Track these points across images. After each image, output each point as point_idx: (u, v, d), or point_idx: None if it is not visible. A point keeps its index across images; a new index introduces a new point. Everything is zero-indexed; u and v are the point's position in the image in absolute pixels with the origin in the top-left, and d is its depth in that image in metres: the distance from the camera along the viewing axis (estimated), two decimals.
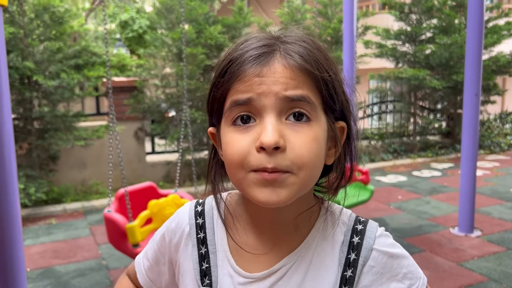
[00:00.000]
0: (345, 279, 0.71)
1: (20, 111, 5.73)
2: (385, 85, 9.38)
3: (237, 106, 0.66)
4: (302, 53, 0.67)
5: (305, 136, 0.65)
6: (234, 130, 0.67)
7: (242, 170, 0.66)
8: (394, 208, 5.40)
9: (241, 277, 0.74)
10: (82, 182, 6.28)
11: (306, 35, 0.71)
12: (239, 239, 0.76)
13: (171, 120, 6.99)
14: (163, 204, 3.02)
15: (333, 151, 0.73)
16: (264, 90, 0.64)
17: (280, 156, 0.63)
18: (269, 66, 0.65)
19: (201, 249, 0.77)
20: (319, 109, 0.68)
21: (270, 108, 0.65)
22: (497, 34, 8.45)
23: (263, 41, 0.68)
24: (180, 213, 0.83)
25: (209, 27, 6.47)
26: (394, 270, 0.73)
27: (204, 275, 0.75)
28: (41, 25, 5.70)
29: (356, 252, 0.73)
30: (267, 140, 0.62)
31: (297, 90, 0.65)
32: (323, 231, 0.75)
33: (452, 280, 3.51)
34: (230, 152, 0.67)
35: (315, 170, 0.68)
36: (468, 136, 4.33)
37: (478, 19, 4.13)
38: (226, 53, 0.71)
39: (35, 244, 4.50)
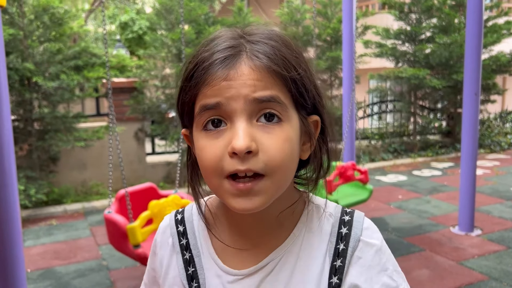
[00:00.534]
0: (334, 269, 0.72)
1: (20, 113, 5.74)
2: (385, 84, 9.38)
3: (207, 111, 0.66)
4: (268, 53, 0.65)
5: (277, 137, 0.65)
6: (205, 136, 0.67)
7: (217, 177, 0.66)
8: (395, 208, 5.40)
9: (229, 275, 0.74)
10: (83, 183, 6.28)
11: (273, 31, 0.70)
12: (223, 238, 0.77)
13: (171, 120, 6.99)
14: (163, 204, 3.02)
15: (308, 145, 0.73)
16: (233, 94, 0.63)
17: (253, 159, 0.63)
18: (235, 69, 0.64)
19: (185, 255, 0.78)
20: (290, 107, 0.67)
21: (240, 112, 0.64)
22: (497, 33, 8.45)
23: (228, 41, 0.67)
24: (161, 227, 0.84)
25: (209, 27, 6.47)
26: (383, 264, 0.73)
27: (191, 279, 0.76)
28: (40, 26, 5.71)
29: (344, 242, 0.73)
30: (238, 145, 0.62)
31: (266, 91, 0.64)
32: (308, 224, 0.75)
33: (453, 279, 3.51)
34: (204, 158, 0.66)
35: (289, 171, 0.68)
36: (468, 135, 4.33)
37: (477, 18, 4.13)
38: (193, 54, 0.70)
39: (35, 245, 4.51)
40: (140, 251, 2.89)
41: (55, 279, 3.74)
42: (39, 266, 4.01)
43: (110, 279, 3.72)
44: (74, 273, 3.84)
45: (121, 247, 3.10)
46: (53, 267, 3.99)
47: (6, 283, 2.35)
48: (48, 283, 3.68)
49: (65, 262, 4.08)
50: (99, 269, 3.91)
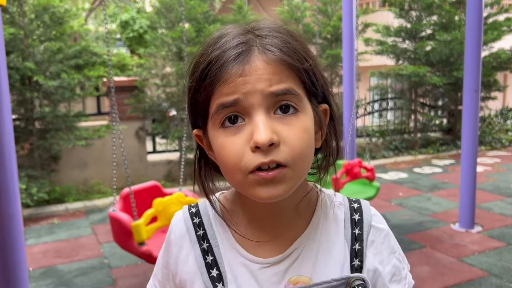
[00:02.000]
0: (354, 252, 0.76)
1: (21, 112, 5.75)
2: (386, 82, 9.38)
3: (225, 109, 0.66)
4: (279, 45, 0.67)
5: (296, 128, 0.66)
6: (224, 133, 0.67)
7: (240, 173, 0.66)
8: (395, 205, 5.41)
9: (256, 263, 0.75)
10: (84, 181, 6.30)
11: (279, 24, 0.71)
12: (242, 232, 0.77)
13: (172, 119, 7.00)
14: (167, 202, 3.03)
15: (319, 134, 0.75)
16: (249, 89, 0.64)
17: (275, 151, 0.64)
18: (250, 64, 0.65)
19: (203, 245, 0.78)
20: (304, 98, 0.69)
21: (258, 106, 0.65)
22: (497, 30, 8.44)
23: (238, 37, 0.67)
24: (174, 223, 0.83)
25: (209, 26, 6.48)
26: (392, 247, 0.80)
27: (211, 267, 0.76)
28: (41, 26, 5.72)
29: (359, 227, 0.78)
30: (261, 139, 0.63)
31: (281, 84, 0.65)
32: (324, 213, 0.79)
33: (453, 275, 3.52)
34: (225, 156, 0.67)
35: (309, 160, 0.70)
36: (468, 132, 4.34)
37: (477, 15, 4.13)
38: (202, 53, 0.70)
39: (37, 244, 4.53)
40: (145, 248, 2.90)
41: (57, 277, 3.75)
42: (41, 264, 4.03)
43: (111, 277, 3.73)
44: (76, 271, 3.86)
45: (126, 245, 3.11)
46: (55, 265, 4.00)
47: (8, 282, 2.37)
48: (50, 281, 3.69)
49: (67, 261, 4.09)
50: (101, 267, 3.93)
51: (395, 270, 0.79)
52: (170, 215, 3.06)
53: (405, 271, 0.81)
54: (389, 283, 0.78)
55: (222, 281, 0.74)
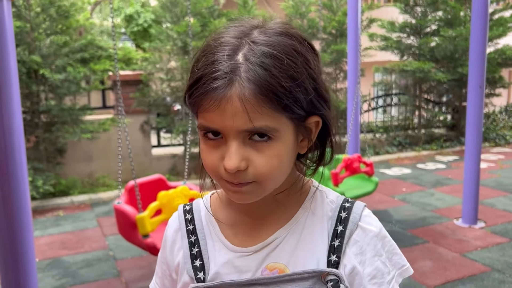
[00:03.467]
0: (333, 248, 0.78)
1: (27, 105, 5.79)
2: (390, 78, 9.36)
3: (204, 127, 0.72)
4: (259, 79, 0.66)
5: (265, 155, 0.71)
6: (206, 142, 0.73)
7: (216, 177, 0.75)
8: (398, 200, 5.43)
9: (238, 253, 0.81)
10: (89, 175, 6.34)
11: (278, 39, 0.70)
12: (232, 218, 0.84)
13: (177, 113, 7.03)
14: (172, 195, 3.06)
15: (305, 142, 0.77)
16: (226, 124, 0.68)
17: (242, 174, 0.71)
18: (226, 99, 0.67)
19: (191, 238, 0.85)
20: (283, 123, 0.70)
21: (233, 136, 0.69)
22: (502, 26, 8.40)
23: (226, 61, 0.68)
24: (170, 220, 0.91)
25: (214, 20, 6.49)
26: (378, 250, 0.79)
27: (195, 257, 0.83)
28: (47, 19, 5.75)
29: (343, 225, 0.79)
30: (229, 166, 0.69)
31: (257, 121, 0.67)
32: (312, 208, 0.82)
33: (456, 270, 3.54)
34: (205, 161, 0.75)
35: (278, 177, 0.75)
36: (472, 128, 4.34)
37: (483, 11, 4.12)
38: (197, 59, 0.73)
39: (43, 236, 4.57)
40: (149, 240, 2.94)
41: (63, 269, 3.80)
42: (47, 255, 4.07)
43: (117, 269, 3.77)
44: (81, 263, 3.90)
45: (131, 237, 3.15)
46: (61, 256, 4.05)
47: (18, 272, 2.41)
48: (55, 272, 3.74)
49: (72, 252, 4.14)
50: (106, 259, 3.97)
51: (376, 273, 0.78)
52: (175, 208, 3.06)
53: (390, 277, 0.79)
54: (368, 285, 0.78)
55: (204, 270, 0.81)
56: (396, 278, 0.80)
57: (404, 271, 0.82)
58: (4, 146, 2.25)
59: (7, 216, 2.32)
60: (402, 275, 0.82)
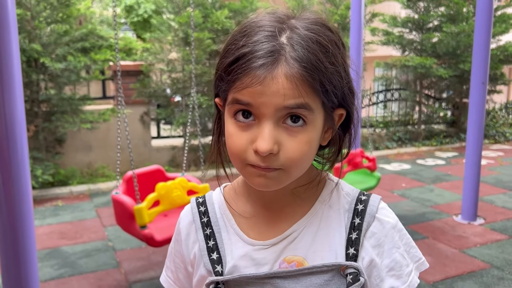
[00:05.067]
0: (351, 241, 0.77)
1: (27, 94, 5.75)
2: (391, 73, 9.34)
3: (238, 104, 0.70)
4: (306, 61, 0.67)
5: (299, 140, 0.70)
6: (235, 124, 0.71)
7: (240, 162, 0.72)
8: (398, 196, 5.43)
9: (256, 246, 0.80)
10: (88, 165, 6.32)
11: (317, 26, 0.71)
12: (248, 211, 0.83)
13: (177, 105, 7.00)
14: (170, 186, 3.05)
15: (329, 133, 0.78)
16: (265, 100, 0.67)
17: (273, 158, 0.69)
18: (272, 76, 0.66)
19: (206, 230, 0.84)
20: (317, 109, 0.71)
21: (269, 116, 0.68)
22: (505, 23, 8.38)
23: (271, 41, 0.68)
24: (183, 213, 0.90)
25: (216, 11, 6.44)
26: (396, 242, 0.79)
27: (212, 250, 0.81)
28: (48, 7, 5.70)
29: (360, 217, 0.79)
30: (262, 148, 0.67)
31: (297, 99, 0.67)
32: (329, 201, 0.81)
33: (455, 266, 3.55)
34: (231, 145, 0.72)
35: (304, 165, 0.74)
36: (473, 124, 4.33)
37: (487, 7, 4.10)
38: (234, 39, 0.71)
39: (42, 225, 4.56)
40: (147, 231, 2.93)
41: (62, 259, 3.79)
42: (46, 245, 4.06)
43: (116, 260, 3.77)
44: (80, 253, 3.89)
45: (128, 228, 3.14)
46: (60, 246, 4.04)
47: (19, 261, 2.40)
48: (54, 261, 3.73)
49: (71, 242, 4.13)
50: (105, 250, 3.96)
51: (394, 265, 0.78)
52: (173, 199, 3.08)
53: (409, 269, 0.80)
54: (386, 276, 0.78)
55: (221, 263, 0.80)
56: (414, 271, 0.81)
57: (421, 264, 0.83)
58: (6, 135, 2.23)
59: (8, 205, 2.30)
60: (419, 269, 0.83)
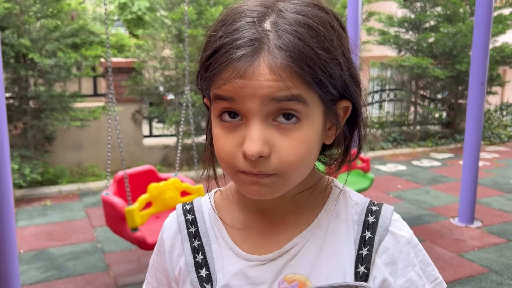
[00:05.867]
0: (361, 258, 0.68)
1: (16, 90, 5.62)
2: (386, 73, 9.28)
3: (221, 101, 0.61)
4: (292, 49, 0.57)
5: (293, 139, 0.61)
6: (221, 126, 0.63)
7: (230, 169, 0.64)
8: (394, 197, 5.35)
9: (251, 261, 0.70)
10: (78, 164, 6.19)
11: (308, 7, 0.62)
12: (242, 222, 0.73)
13: (169, 103, 6.88)
14: (163, 187, 2.95)
15: (333, 130, 0.68)
16: (248, 93, 0.58)
17: (264, 162, 0.60)
18: (253, 67, 0.57)
19: (194, 243, 0.74)
20: (314, 101, 0.61)
21: (255, 112, 0.59)
22: (502, 24, 8.34)
23: (252, 29, 0.58)
24: (167, 222, 0.79)
25: (210, 8, 6.33)
26: (412, 259, 0.70)
27: (200, 266, 0.72)
28: (37, 2, 5.55)
29: (371, 231, 0.70)
30: (249, 151, 0.59)
31: (286, 91, 0.58)
32: (335, 210, 0.72)
33: (453, 271, 3.47)
34: (218, 150, 0.64)
35: (303, 169, 0.64)
36: (471, 126, 4.26)
37: (487, 7, 4.02)
38: (214, 30, 0.62)
39: (29, 226, 4.43)
40: (138, 234, 2.82)
41: (49, 261, 3.67)
42: (33, 247, 3.94)
43: (105, 262, 3.65)
44: (68, 255, 3.77)
45: (119, 230, 3.03)
46: (47, 248, 3.92)
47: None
48: (41, 264, 3.61)
49: (59, 244, 4.01)
50: (94, 252, 3.84)
51: (409, 285, 0.69)
52: (165, 200, 2.98)
53: None
54: None
55: (211, 281, 0.71)
56: None
57: (438, 284, 0.72)
58: None
59: None
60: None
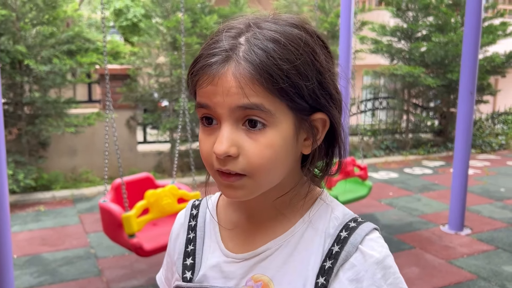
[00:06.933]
0: (323, 270, 0.70)
1: (11, 96, 5.64)
2: (379, 82, 9.37)
3: (201, 108, 0.69)
4: (257, 60, 0.64)
5: (258, 143, 0.67)
6: (203, 129, 0.71)
7: (210, 169, 0.71)
8: (385, 204, 5.41)
9: (228, 257, 0.77)
10: (72, 169, 6.21)
11: (283, 27, 0.68)
12: (232, 222, 0.80)
13: (164, 110, 6.92)
14: (160, 194, 2.98)
15: (309, 141, 0.72)
16: (218, 100, 0.66)
17: (232, 161, 0.67)
18: (220, 75, 0.65)
19: (190, 234, 0.83)
20: (279, 111, 0.67)
21: (225, 117, 0.67)
22: (492, 34, 8.46)
23: (227, 40, 0.67)
24: (179, 213, 0.90)
25: (205, 16, 6.40)
26: (377, 281, 0.69)
27: (188, 255, 0.81)
28: (33, 9, 5.60)
29: (340, 246, 0.71)
30: (217, 150, 0.66)
31: (250, 98, 0.65)
32: (313, 222, 0.75)
33: (442, 277, 3.52)
34: (200, 151, 0.72)
35: (272, 171, 0.69)
36: (461, 134, 4.33)
37: (476, 17, 4.11)
38: (203, 43, 0.72)
39: (22, 231, 4.45)
40: (135, 241, 2.85)
41: (42, 266, 3.69)
42: (26, 252, 3.95)
43: (98, 268, 3.67)
44: (61, 260, 3.79)
45: (116, 237, 3.06)
46: (40, 253, 3.93)
47: None
48: (34, 269, 3.62)
49: (52, 249, 4.02)
50: (87, 257, 3.86)
51: None
52: (162, 207, 3.01)
53: None
54: None
55: (193, 270, 0.79)
56: None
57: None
58: None
59: None
60: None
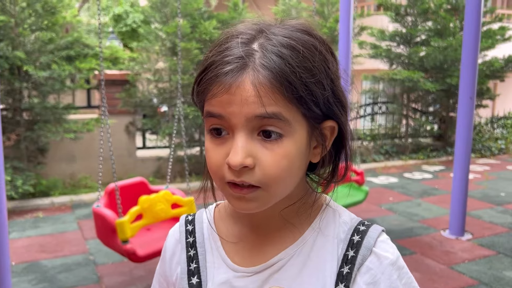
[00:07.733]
0: (342, 276, 0.70)
1: (9, 102, 5.63)
2: (378, 86, 9.37)
3: (211, 118, 0.66)
4: (275, 68, 0.63)
5: (275, 154, 0.65)
6: (211, 140, 0.68)
7: (219, 181, 0.68)
8: (385, 210, 5.39)
9: (238, 272, 0.75)
10: (71, 175, 6.19)
11: (295, 32, 0.67)
12: (235, 235, 0.78)
13: (163, 115, 6.91)
14: (154, 200, 2.97)
15: (319, 149, 0.72)
16: (234, 109, 0.63)
17: (248, 173, 0.65)
18: (237, 84, 0.63)
19: (190, 252, 0.79)
20: (295, 120, 0.66)
21: (240, 127, 0.64)
22: (491, 38, 8.48)
23: (240, 47, 0.64)
24: (171, 231, 0.86)
25: (204, 22, 6.40)
26: (394, 281, 0.70)
27: (192, 274, 0.77)
28: (33, 15, 5.60)
29: (355, 250, 0.71)
30: (233, 161, 0.63)
31: (268, 107, 0.63)
32: (323, 228, 0.74)
33: (443, 283, 3.49)
34: (208, 162, 0.69)
35: (286, 182, 0.68)
36: (461, 139, 4.32)
37: (475, 22, 4.11)
38: (210, 50, 0.69)
39: (21, 238, 4.42)
40: (129, 246, 2.83)
41: (40, 273, 3.66)
42: (24, 259, 3.92)
43: (97, 274, 3.65)
44: (60, 267, 3.76)
45: (109, 242, 3.04)
46: (39, 260, 3.91)
47: None
48: (33, 276, 3.60)
49: (51, 256, 4.00)
50: (86, 264, 3.84)
51: None
52: (156, 213, 3.00)
53: None
54: None
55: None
56: None
57: None
58: None
59: None
60: None
